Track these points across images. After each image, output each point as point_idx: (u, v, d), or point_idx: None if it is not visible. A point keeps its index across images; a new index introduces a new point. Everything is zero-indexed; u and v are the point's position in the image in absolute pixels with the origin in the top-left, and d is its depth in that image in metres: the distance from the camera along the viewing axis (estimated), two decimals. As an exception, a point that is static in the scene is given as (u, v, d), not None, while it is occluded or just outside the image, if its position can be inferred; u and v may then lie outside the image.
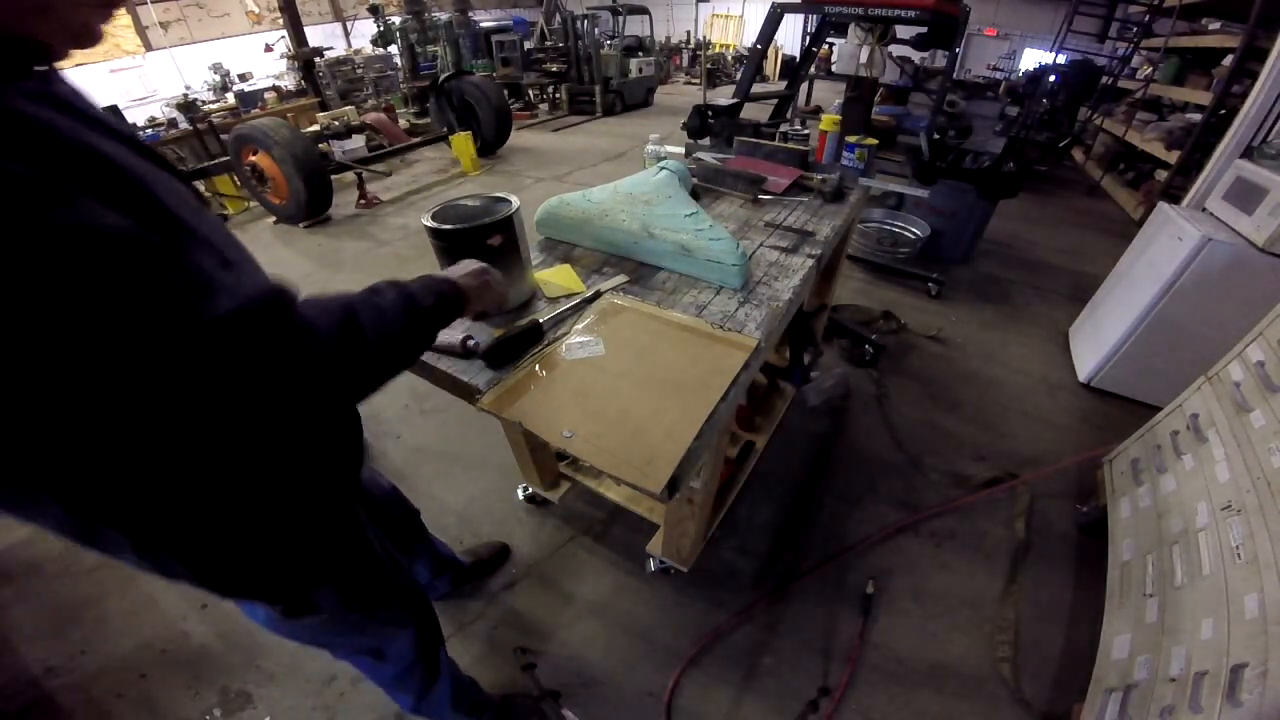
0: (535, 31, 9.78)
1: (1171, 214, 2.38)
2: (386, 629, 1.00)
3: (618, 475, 0.83)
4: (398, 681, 1.14)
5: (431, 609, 1.15)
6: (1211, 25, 4.99)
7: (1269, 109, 3.03)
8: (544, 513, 1.99)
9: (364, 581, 0.89)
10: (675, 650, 1.58)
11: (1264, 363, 1.39)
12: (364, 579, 0.89)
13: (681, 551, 1.62)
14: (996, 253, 4.07)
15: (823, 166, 2.03)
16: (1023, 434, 2.36)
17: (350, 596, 0.86)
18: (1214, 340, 1.76)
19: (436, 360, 1.06)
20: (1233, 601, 1.11)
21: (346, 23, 13.18)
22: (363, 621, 0.93)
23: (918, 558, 1.85)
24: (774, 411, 2.17)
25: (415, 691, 1.18)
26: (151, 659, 1.59)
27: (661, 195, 1.38)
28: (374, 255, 4.06)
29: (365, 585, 0.89)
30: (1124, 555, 1.58)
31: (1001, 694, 1.49)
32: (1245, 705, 0.96)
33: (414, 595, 1.08)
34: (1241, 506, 1.23)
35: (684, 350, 1.07)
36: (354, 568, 0.86)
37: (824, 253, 1.46)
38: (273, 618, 0.81)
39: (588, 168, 6.11)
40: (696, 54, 13.67)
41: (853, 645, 1.58)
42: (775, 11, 4.17)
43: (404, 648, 1.05)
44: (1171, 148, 4.65)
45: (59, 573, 1.81)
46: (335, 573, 0.82)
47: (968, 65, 11.92)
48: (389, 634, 1.01)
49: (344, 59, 9.35)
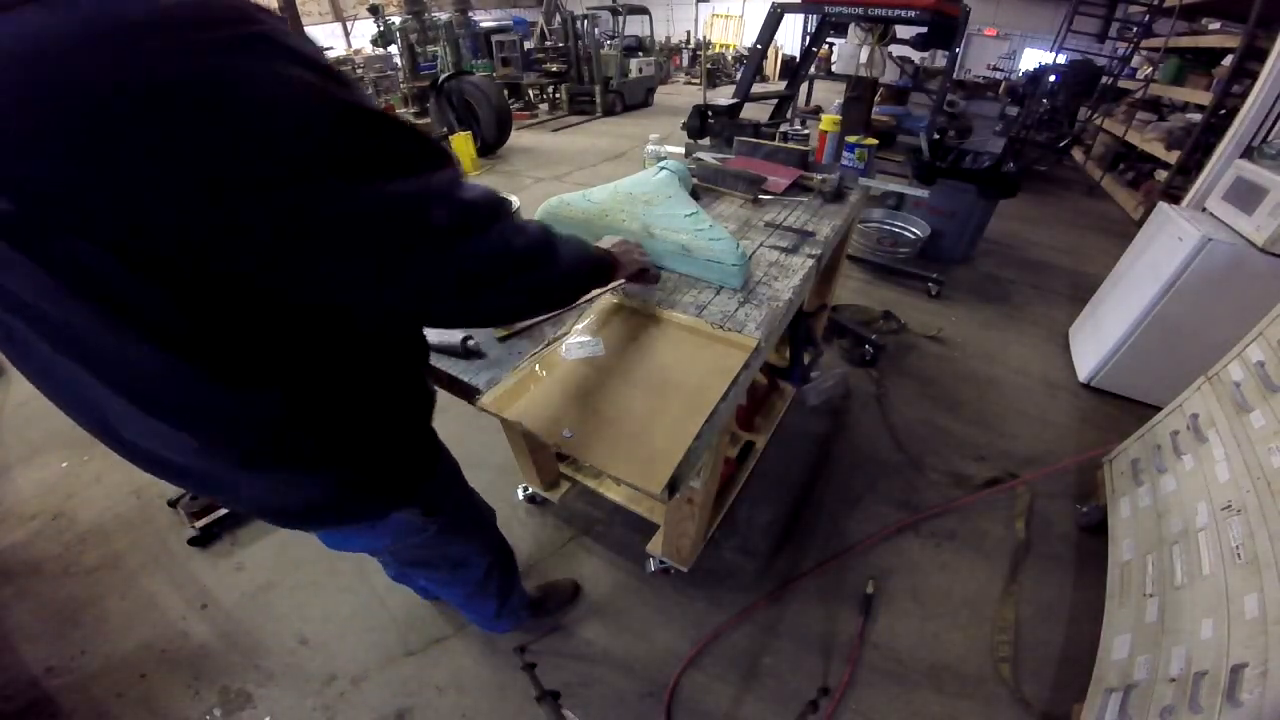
0: (535, 31, 9.78)
1: (1171, 214, 2.38)
2: (474, 535, 1.14)
3: (618, 475, 0.83)
4: (480, 587, 1.24)
5: (495, 524, 1.26)
6: (1211, 25, 5.00)
7: (1269, 109, 3.03)
8: (544, 513, 1.99)
9: (461, 487, 1.06)
10: (675, 650, 1.58)
11: (1264, 363, 1.39)
12: (460, 484, 1.06)
13: (681, 551, 1.62)
14: (996, 253, 4.08)
15: (823, 166, 2.03)
16: (1023, 434, 2.36)
17: (457, 502, 1.03)
18: (1214, 340, 1.76)
19: (436, 360, 1.06)
20: (1233, 601, 1.11)
21: (346, 23, 13.18)
22: (467, 525, 1.08)
23: (918, 558, 1.85)
24: (774, 411, 2.17)
25: (497, 596, 1.29)
26: (151, 659, 1.59)
27: (661, 195, 1.38)
28: (374, 255, 4.06)
29: (461, 492, 1.06)
30: (1124, 555, 1.58)
31: (1001, 694, 1.49)
32: (1245, 705, 0.96)
33: (482, 509, 1.20)
34: (1241, 506, 1.23)
35: (684, 350, 1.07)
36: (455, 473, 1.03)
37: (824, 253, 1.46)
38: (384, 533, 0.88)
39: (588, 168, 6.11)
40: (696, 54, 13.68)
41: (853, 645, 1.58)
42: (775, 11, 4.17)
43: (484, 552, 1.18)
44: (1171, 148, 4.65)
45: (59, 573, 1.81)
46: (446, 475, 0.97)
47: (968, 65, 11.93)
48: (475, 541, 1.14)
49: (344, 59, 9.35)
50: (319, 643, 1.62)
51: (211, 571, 1.82)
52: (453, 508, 1.01)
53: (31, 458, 2.24)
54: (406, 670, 1.55)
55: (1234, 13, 4.65)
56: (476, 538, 1.15)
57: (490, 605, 1.31)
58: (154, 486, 2.09)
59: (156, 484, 2.11)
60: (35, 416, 2.43)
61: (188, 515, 1.87)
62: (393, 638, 1.62)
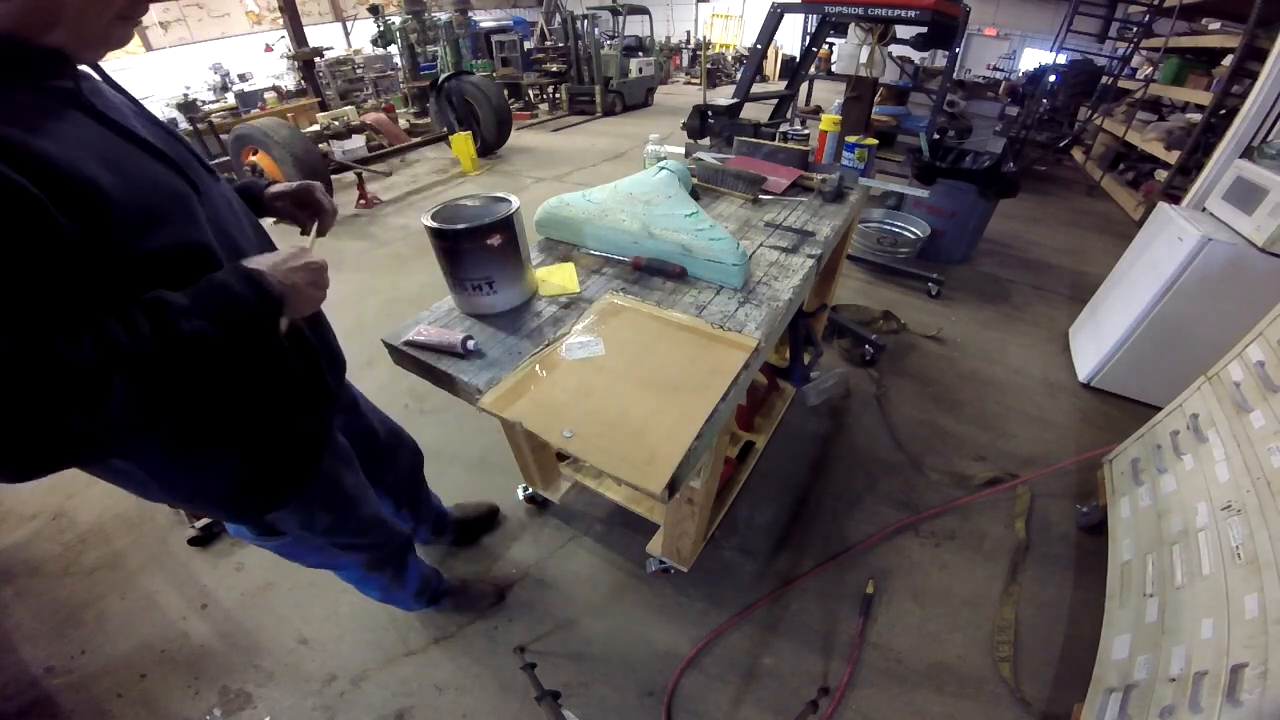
0: (535, 31, 9.79)
1: (1171, 214, 2.38)
2: (346, 553, 1.16)
3: (618, 475, 0.83)
4: (360, 583, 1.34)
5: (396, 534, 1.29)
6: (1211, 25, 4.99)
7: (1269, 109, 3.03)
8: (544, 513, 1.99)
9: (325, 513, 1.03)
10: (675, 650, 1.58)
11: (1264, 363, 1.39)
12: (326, 510, 1.03)
13: (681, 551, 1.62)
14: (996, 253, 4.07)
15: (823, 166, 2.03)
16: (1023, 434, 2.36)
17: (310, 525, 1.01)
18: (1214, 340, 1.76)
19: (437, 360, 1.07)
20: (1233, 601, 1.11)
21: (346, 23, 13.18)
22: (323, 545, 1.09)
23: (918, 558, 1.85)
24: (774, 411, 2.17)
25: (379, 589, 1.38)
26: (151, 659, 1.59)
27: (661, 195, 1.38)
28: (374, 255, 4.06)
29: (326, 516, 1.04)
30: (1124, 555, 1.58)
31: (1001, 694, 1.49)
32: (1245, 705, 0.96)
33: (376, 524, 1.19)
34: (1241, 506, 1.23)
35: (684, 350, 1.07)
36: (314, 501, 1.00)
37: (824, 253, 1.46)
38: (248, 535, 0.99)
39: (588, 168, 6.11)
40: (696, 54, 13.68)
41: (853, 645, 1.58)
42: (775, 11, 4.17)
43: (358, 565, 1.23)
44: (1171, 148, 4.65)
45: (59, 573, 1.81)
46: (294, 502, 0.95)
47: (968, 65, 11.93)
48: (345, 556, 1.17)
49: (344, 59, 9.34)
50: (319, 643, 1.62)
51: (211, 571, 1.82)
52: (301, 529, 1.01)
53: (31, 458, 2.24)
54: (406, 670, 1.55)
55: (1234, 13, 4.65)
56: (345, 555, 1.17)
57: (374, 593, 1.40)
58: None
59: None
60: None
61: (188, 515, 1.87)
62: (393, 638, 1.62)
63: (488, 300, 1.15)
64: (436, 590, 1.58)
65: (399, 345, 1.10)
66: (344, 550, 1.15)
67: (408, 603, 1.52)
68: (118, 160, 0.61)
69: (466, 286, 1.13)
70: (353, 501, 1.09)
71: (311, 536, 1.04)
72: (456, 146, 5.75)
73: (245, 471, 0.85)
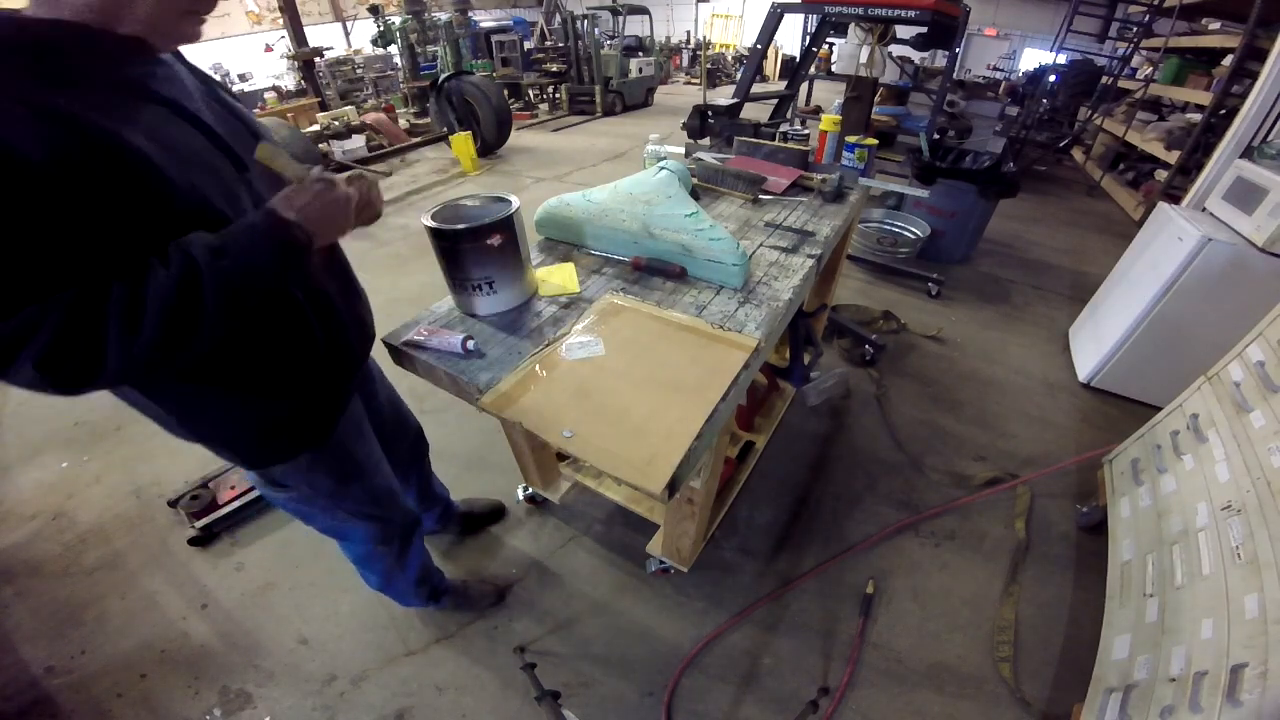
0: (535, 31, 9.79)
1: (1171, 214, 2.38)
2: (352, 520, 1.17)
3: (618, 475, 0.83)
4: (363, 562, 1.35)
5: (407, 512, 1.31)
6: (1211, 25, 4.99)
7: (1269, 109, 3.03)
8: (544, 513, 1.99)
9: (330, 475, 1.05)
10: (675, 650, 1.58)
11: (1264, 363, 1.39)
12: (331, 473, 1.04)
13: (681, 551, 1.62)
14: (996, 253, 4.07)
15: (823, 166, 2.03)
16: (1023, 434, 2.36)
17: (315, 484, 1.04)
18: (1214, 340, 1.76)
19: (437, 360, 1.07)
20: (1233, 601, 1.11)
21: (346, 23, 13.17)
22: (330, 506, 1.11)
23: (918, 558, 1.85)
24: (774, 411, 2.17)
25: (380, 574, 1.39)
26: (151, 659, 1.59)
27: (661, 195, 1.38)
28: (374, 255, 4.06)
29: (331, 479, 1.05)
30: (1124, 555, 1.58)
31: (1001, 694, 1.49)
32: (1245, 705, 0.96)
33: (387, 496, 1.21)
34: (1241, 506, 1.23)
35: (684, 350, 1.07)
36: (322, 462, 1.02)
37: (824, 253, 1.46)
38: (260, 484, 1.02)
39: (588, 168, 6.11)
40: (696, 54, 13.69)
41: (853, 645, 1.58)
42: (775, 12, 4.17)
43: (365, 537, 1.23)
44: (1171, 148, 4.65)
45: (59, 573, 1.81)
46: (305, 458, 0.98)
47: (968, 65, 11.93)
48: (353, 524, 1.18)
49: (344, 59, 9.34)
50: (319, 643, 1.62)
51: (211, 571, 1.82)
52: (308, 488, 1.04)
53: (31, 458, 2.24)
54: (406, 670, 1.55)
55: (1234, 13, 4.65)
56: (352, 522, 1.18)
57: (375, 577, 1.41)
58: (154, 486, 2.09)
59: (157, 484, 2.11)
60: (35, 417, 2.43)
61: (188, 515, 1.87)
62: (393, 638, 1.62)
63: (488, 300, 1.16)
64: (436, 587, 1.58)
65: (399, 345, 1.11)
66: (353, 517, 1.16)
67: (407, 594, 1.51)
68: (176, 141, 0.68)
69: (466, 287, 1.13)
70: (362, 469, 1.11)
71: (317, 496, 1.07)
72: (456, 146, 5.75)
73: (260, 420, 0.90)
